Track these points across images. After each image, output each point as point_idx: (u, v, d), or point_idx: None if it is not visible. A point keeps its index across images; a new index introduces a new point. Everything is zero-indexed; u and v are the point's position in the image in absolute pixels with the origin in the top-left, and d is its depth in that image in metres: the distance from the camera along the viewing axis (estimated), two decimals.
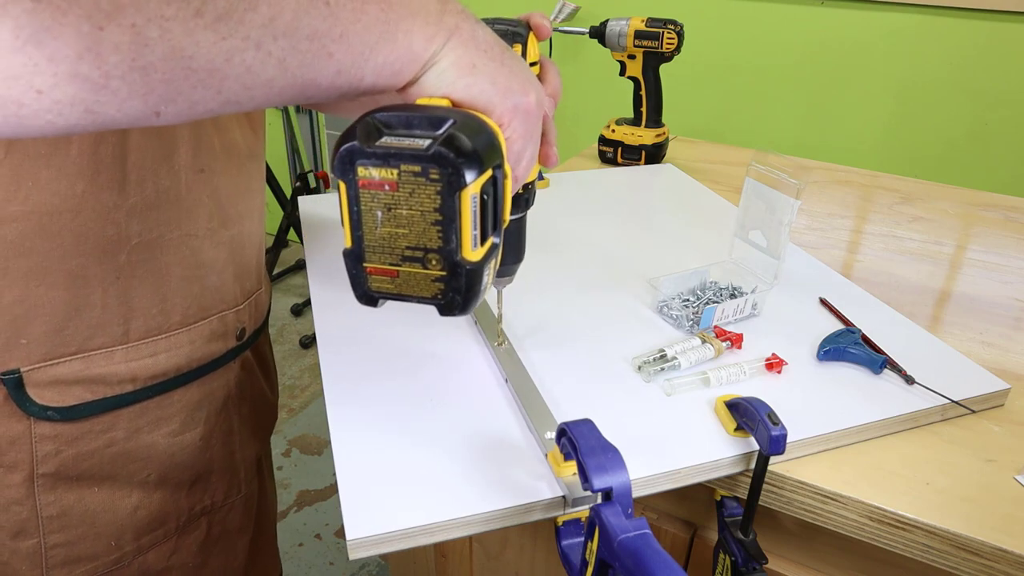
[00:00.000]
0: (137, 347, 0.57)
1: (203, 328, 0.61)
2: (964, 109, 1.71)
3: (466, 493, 0.47)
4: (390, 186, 0.34)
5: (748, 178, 0.71)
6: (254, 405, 0.71)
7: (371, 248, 0.36)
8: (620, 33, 1.06)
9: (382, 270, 0.37)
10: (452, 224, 0.35)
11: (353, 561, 1.67)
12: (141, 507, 0.61)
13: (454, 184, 0.34)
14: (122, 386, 0.57)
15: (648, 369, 0.59)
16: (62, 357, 0.53)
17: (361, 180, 0.35)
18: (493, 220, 0.37)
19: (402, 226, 0.35)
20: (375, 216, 0.35)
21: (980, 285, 0.81)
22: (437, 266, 0.36)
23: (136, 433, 0.59)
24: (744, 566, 0.52)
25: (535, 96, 0.41)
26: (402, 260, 0.36)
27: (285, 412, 2.11)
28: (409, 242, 0.36)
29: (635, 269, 0.76)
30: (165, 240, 0.56)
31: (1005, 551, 0.47)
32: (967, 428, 0.57)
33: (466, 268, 0.36)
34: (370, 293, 0.38)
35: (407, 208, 0.35)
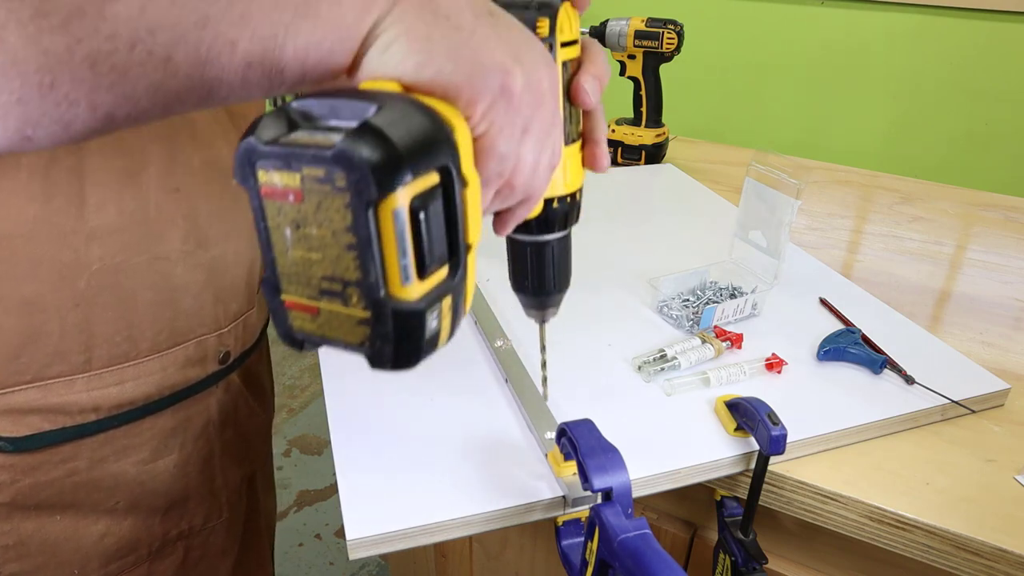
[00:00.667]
0: (100, 375, 0.53)
1: (177, 354, 0.57)
2: (964, 109, 1.71)
3: (466, 493, 0.47)
4: (295, 195, 0.25)
5: (748, 178, 0.71)
6: (240, 428, 0.67)
7: (286, 276, 0.27)
8: (620, 33, 1.06)
9: (301, 305, 0.28)
10: (369, 249, 0.25)
11: (353, 561, 1.67)
12: (109, 534, 0.57)
13: (364, 195, 0.24)
14: (83, 416, 0.53)
15: (648, 369, 0.59)
16: (16, 386, 0.50)
17: (263, 187, 0.26)
18: (443, 245, 0.27)
19: (314, 249, 0.26)
20: (284, 235, 0.26)
21: (980, 285, 0.81)
22: (359, 304, 0.26)
23: (100, 463, 0.55)
24: (744, 566, 0.52)
25: (525, 74, 0.30)
26: (320, 294, 0.27)
27: (285, 412, 2.11)
28: (324, 271, 0.26)
29: (635, 269, 0.76)
30: (130, 264, 0.52)
31: (1005, 551, 0.47)
32: (967, 428, 0.57)
33: (392, 309, 0.26)
34: (292, 334, 0.29)
35: (316, 226, 0.26)
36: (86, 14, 0.23)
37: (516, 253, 0.45)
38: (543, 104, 0.32)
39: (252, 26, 0.26)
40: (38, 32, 0.23)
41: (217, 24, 0.25)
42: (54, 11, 0.23)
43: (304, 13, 0.27)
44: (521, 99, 0.30)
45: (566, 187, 0.42)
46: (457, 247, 0.28)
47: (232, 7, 0.25)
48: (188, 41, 0.25)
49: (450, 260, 0.28)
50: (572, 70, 0.40)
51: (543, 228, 0.43)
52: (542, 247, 0.44)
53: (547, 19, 0.38)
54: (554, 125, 0.33)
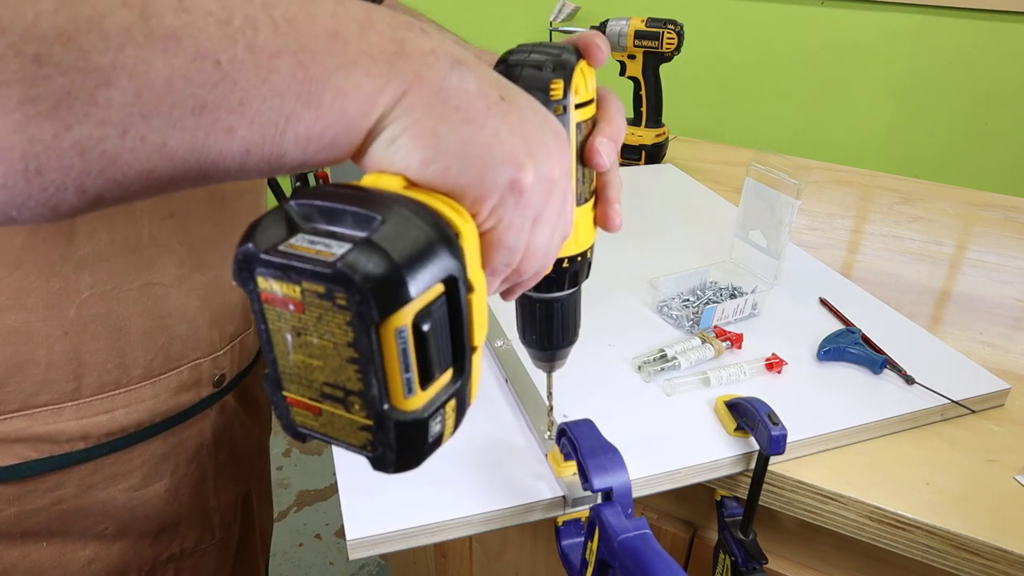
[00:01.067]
0: (90, 403, 0.51)
1: (170, 380, 0.56)
2: (964, 109, 1.71)
3: (466, 493, 0.47)
4: (295, 306, 0.25)
5: (748, 178, 0.71)
6: (235, 449, 0.65)
7: (287, 376, 0.27)
8: (620, 33, 1.06)
9: (303, 404, 0.27)
10: (370, 366, 0.24)
11: (353, 561, 1.67)
12: (97, 560, 0.56)
13: (365, 317, 0.23)
14: (72, 444, 0.51)
15: (648, 369, 0.59)
16: (2, 415, 0.49)
17: (263, 294, 0.25)
18: (446, 353, 0.27)
19: (315, 356, 0.26)
20: (285, 339, 0.26)
21: (980, 285, 0.81)
22: (361, 412, 0.26)
23: (89, 490, 0.54)
24: (744, 566, 0.52)
25: (538, 168, 0.29)
26: (321, 396, 0.27)
27: None
28: (326, 377, 0.26)
29: (635, 269, 0.76)
30: (122, 292, 0.51)
31: (1005, 551, 0.47)
32: (967, 428, 0.57)
33: (395, 421, 0.25)
34: (295, 428, 0.28)
35: (317, 337, 0.25)
36: (77, 99, 0.22)
37: (524, 309, 0.44)
38: (554, 192, 0.31)
39: (251, 114, 0.25)
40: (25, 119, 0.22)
41: (215, 110, 0.24)
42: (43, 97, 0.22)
43: (307, 102, 0.25)
44: (532, 192, 0.29)
45: (577, 247, 0.40)
46: (462, 352, 0.27)
47: (231, 94, 0.24)
48: (184, 127, 0.24)
49: (454, 365, 0.27)
50: (587, 131, 0.38)
51: (552, 287, 0.42)
52: (550, 304, 0.43)
53: (562, 81, 0.36)
54: (565, 204, 0.32)
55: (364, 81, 0.26)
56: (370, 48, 0.26)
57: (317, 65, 0.25)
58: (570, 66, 0.36)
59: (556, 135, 0.31)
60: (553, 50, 0.37)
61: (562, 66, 0.36)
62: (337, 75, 0.26)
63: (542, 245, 0.32)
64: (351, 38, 0.26)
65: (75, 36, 0.21)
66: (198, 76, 0.23)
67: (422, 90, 0.27)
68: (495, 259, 0.30)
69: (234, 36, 0.24)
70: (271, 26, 0.24)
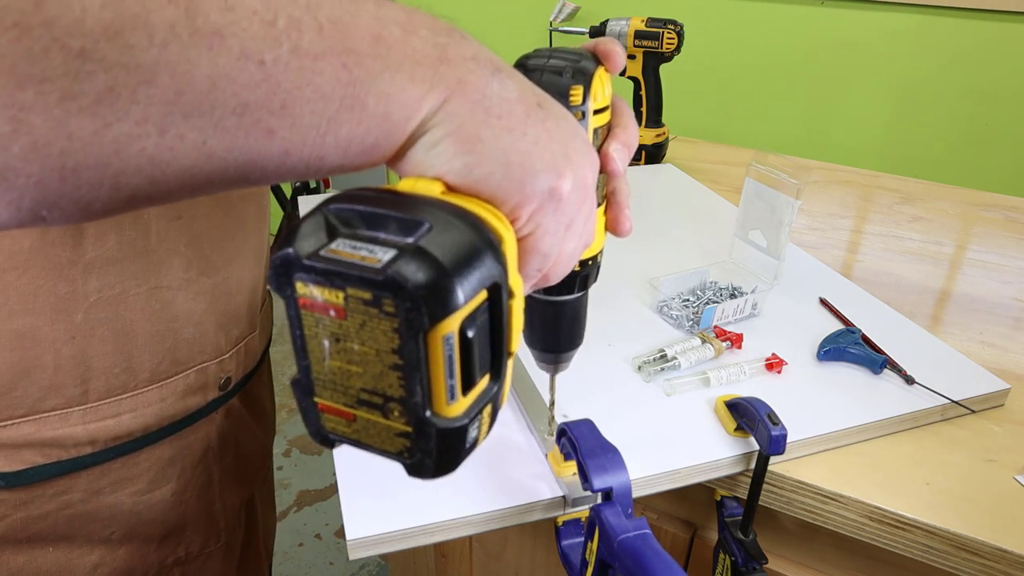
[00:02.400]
0: (97, 408, 0.51)
1: (177, 383, 0.55)
2: (964, 109, 1.71)
3: (466, 493, 0.47)
4: (336, 312, 0.24)
5: (748, 178, 0.71)
6: (240, 452, 0.65)
7: (320, 382, 0.27)
8: (620, 33, 1.06)
9: (336, 410, 0.27)
10: (415, 373, 0.24)
11: (353, 561, 1.67)
12: (103, 564, 0.56)
13: (415, 324, 0.23)
14: (79, 449, 0.51)
15: (648, 369, 0.59)
16: (10, 420, 0.48)
17: (301, 299, 0.25)
18: (488, 359, 0.27)
19: (355, 363, 0.25)
20: (322, 345, 0.26)
21: (980, 285, 0.81)
22: (400, 418, 0.26)
23: (96, 495, 0.53)
24: (744, 566, 0.52)
25: (575, 176, 0.30)
26: (358, 403, 0.27)
27: (285, 412, 2.11)
28: (364, 384, 0.26)
29: (635, 269, 0.76)
30: (129, 295, 0.50)
31: (1005, 551, 0.47)
32: (967, 428, 0.57)
33: (437, 428, 0.25)
34: (324, 433, 0.29)
35: (358, 343, 0.25)
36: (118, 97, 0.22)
37: (532, 310, 0.43)
38: (586, 198, 0.31)
39: (293, 116, 0.24)
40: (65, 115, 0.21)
41: (256, 111, 0.24)
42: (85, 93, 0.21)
43: (350, 105, 0.25)
44: (569, 200, 0.30)
45: (589, 251, 0.40)
46: (500, 357, 0.28)
47: (273, 96, 0.24)
48: (224, 128, 0.23)
49: (492, 370, 0.27)
50: (602, 137, 0.38)
51: (563, 290, 0.42)
52: (559, 307, 0.43)
53: (581, 87, 0.36)
54: (592, 210, 0.33)
55: (408, 86, 0.26)
56: (414, 53, 0.26)
57: (361, 68, 0.25)
58: (589, 72, 0.37)
59: (585, 142, 0.32)
60: (572, 56, 0.37)
61: (582, 72, 0.36)
62: (381, 79, 0.25)
63: (570, 251, 0.32)
64: (394, 42, 0.26)
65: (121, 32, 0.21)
66: (241, 76, 0.23)
67: (465, 96, 0.27)
68: (530, 264, 0.30)
69: (279, 37, 0.23)
70: (316, 28, 0.24)
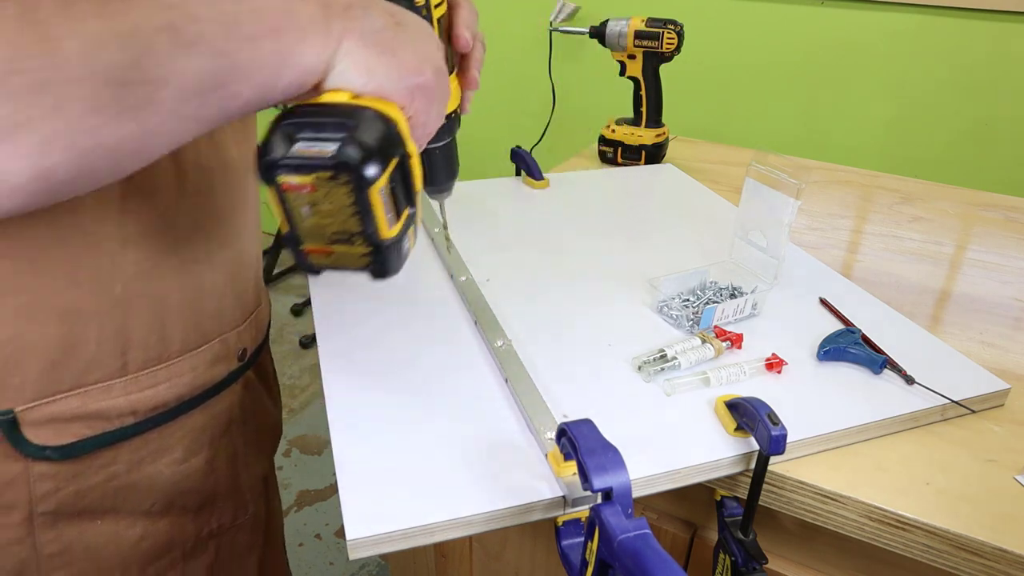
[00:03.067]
0: (136, 379, 0.54)
1: (204, 353, 0.59)
2: (964, 109, 1.71)
3: (466, 493, 0.47)
4: (309, 188, 0.39)
5: (748, 178, 0.71)
6: (258, 423, 0.69)
7: (304, 234, 0.42)
8: (620, 33, 1.06)
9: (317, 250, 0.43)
10: (367, 215, 0.40)
11: (353, 561, 1.67)
12: (146, 536, 0.59)
13: (361, 184, 0.38)
14: (122, 419, 0.54)
15: (648, 369, 0.59)
16: (57, 394, 0.51)
17: (283, 185, 0.39)
18: (405, 196, 0.42)
19: (326, 217, 0.40)
20: (301, 211, 0.40)
21: (980, 285, 0.81)
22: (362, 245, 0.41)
23: (138, 465, 0.57)
24: (744, 566, 0.52)
25: (432, 69, 0.44)
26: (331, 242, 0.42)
27: (285, 412, 2.11)
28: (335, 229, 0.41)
29: (635, 269, 0.76)
30: (162, 268, 0.54)
31: (1005, 551, 0.47)
32: (967, 428, 0.57)
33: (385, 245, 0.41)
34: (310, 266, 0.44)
35: (327, 204, 0.40)
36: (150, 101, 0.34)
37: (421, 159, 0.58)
38: (442, 79, 0.45)
39: (252, 82, 0.38)
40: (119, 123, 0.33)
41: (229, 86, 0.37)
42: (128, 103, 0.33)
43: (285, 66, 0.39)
44: (430, 87, 0.44)
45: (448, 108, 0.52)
46: (412, 194, 0.43)
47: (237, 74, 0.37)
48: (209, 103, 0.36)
49: (409, 203, 0.43)
50: (446, 23, 0.53)
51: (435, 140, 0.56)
52: (434, 153, 0.58)
53: None
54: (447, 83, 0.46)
55: (313, 44, 0.39)
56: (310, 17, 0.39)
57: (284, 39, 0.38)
58: None
59: (431, 36, 0.45)
60: None
61: None
62: (299, 45, 0.38)
63: (437, 115, 0.46)
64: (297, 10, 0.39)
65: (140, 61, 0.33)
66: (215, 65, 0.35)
67: (351, 40, 0.40)
68: (416, 133, 0.44)
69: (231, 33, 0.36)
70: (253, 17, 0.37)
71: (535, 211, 0.92)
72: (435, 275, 0.75)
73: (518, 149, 1.02)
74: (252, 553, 0.71)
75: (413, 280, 0.73)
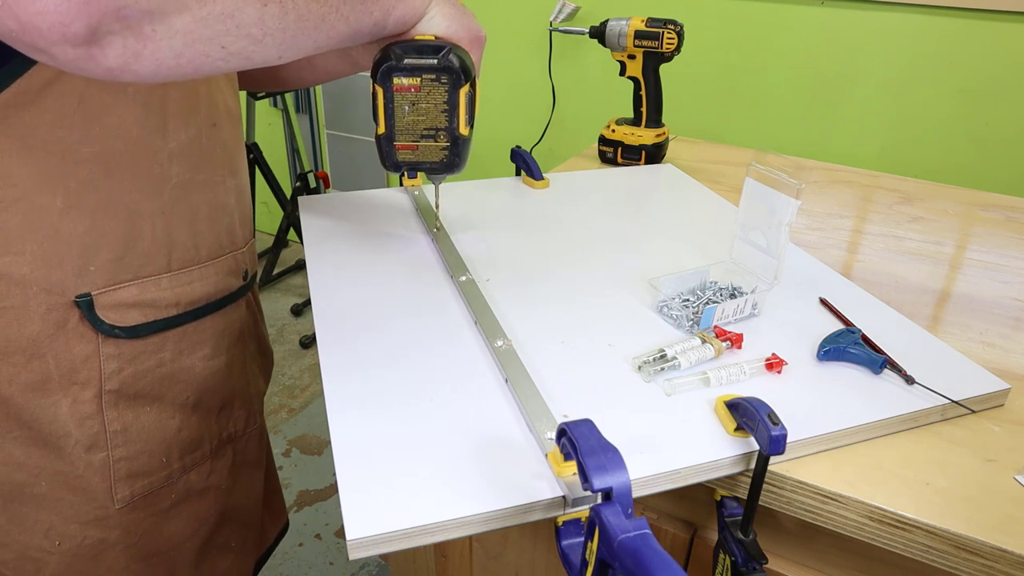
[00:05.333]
0: (177, 275, 0.66)
1: (224, 263, 0.71)
2: (964, 109, 1.71)
3: (466, 493, 0.47)
4: (415, 88, 0.57)
5: (748, 178, 0.71)
6: (258, 344, 0.84)
7: (399, 131, 0.59)
8: (620, 33, 1.06)
9: (407, 146, 0.60)
10: (455, 111, 0.60)
11: (353, 561, 1.67)
12: (183, 428, 0.71)
13: (456, 84, 0.59)
14: (168, 310, 0.66)
15: (648, 369, 0.59)
16: (121, 283, 0.62)
17: (395, 86, 0.58)
18: (472, 112, 0.62)
19: (421, 115, 0.59)
20: (404, 109, 0.58)
21: (980, 285, 0.81)
22: (444, 140, 0.60)
23: (179, 355, 0.68)
24: (744, 566, 0.52)
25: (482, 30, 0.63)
26: (420, 138, 0.60)
27: (285, 412, 2.11)
28: (426, 125, 0.59)
29: (635, 269, 0.76)
30: (195, 182, 0.66)
31: (1005, 551, 0.47)
32: (967, 428, 0.57)
33: (463, 138, 0.61)
34: (397, 162, 0.62)
35: (425, 102, 0.59)
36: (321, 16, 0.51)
37: None
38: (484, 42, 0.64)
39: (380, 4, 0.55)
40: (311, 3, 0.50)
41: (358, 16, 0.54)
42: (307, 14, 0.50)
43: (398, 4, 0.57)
44: (483, 40, 0.63)
45: None
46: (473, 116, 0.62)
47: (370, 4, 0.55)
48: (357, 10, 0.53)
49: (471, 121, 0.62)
50: None
51: None
52: None
53: None
54: None
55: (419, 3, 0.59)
56: None
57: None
58: None
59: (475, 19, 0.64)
60: None
61: None
62: None
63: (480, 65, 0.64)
64: None
65: None
66: None
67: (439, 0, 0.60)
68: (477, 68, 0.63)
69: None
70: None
71: (535, 211, 0.92)
72: (435, 275, 0.75)
73: (518, 149, 1.02)
74: (258, 468, 0.83)
75: (413, 280, 0.73)
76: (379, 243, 0.81)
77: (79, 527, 0.66)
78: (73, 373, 0.61)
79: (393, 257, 0.78)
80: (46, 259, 0.57)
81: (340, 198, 0.93)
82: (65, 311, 0.59)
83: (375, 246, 0.80)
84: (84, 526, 0.66)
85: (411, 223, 0.87)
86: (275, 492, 0.92)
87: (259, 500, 0.84)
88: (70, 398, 0.61)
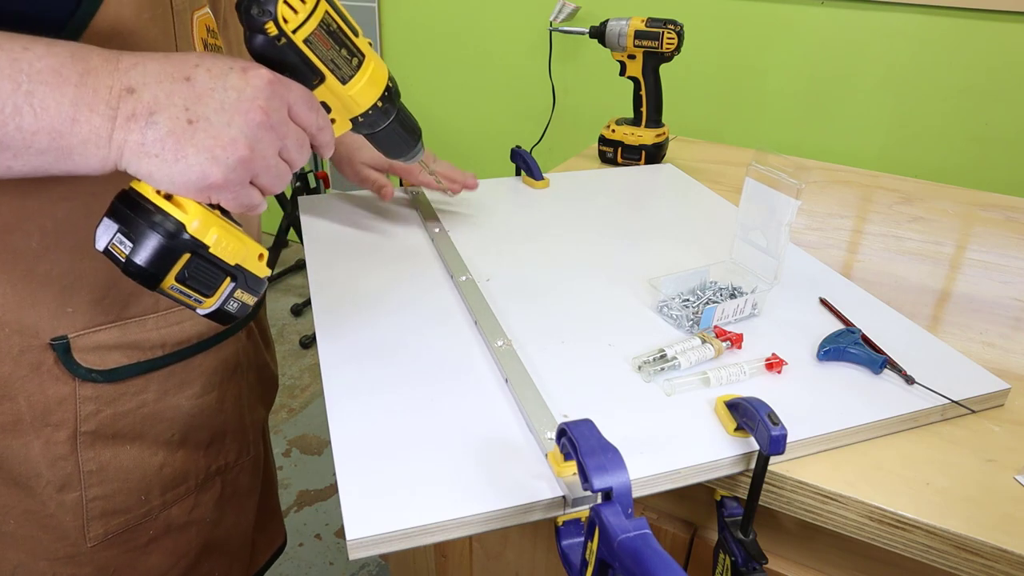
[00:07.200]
0: (165, 315, 0.62)
1: None
2: (964, 109, 1.71)
3: (466, 493, 0.47)
4: None
5: (748, 178, 0.71)
6: (259, 373, 0.79)
7: None
8: (620, 33, 1.06)
9: None
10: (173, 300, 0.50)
11: (353, 561, 1.67)
12: (166, 465, 0.67)
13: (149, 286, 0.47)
14: (153, 351, 0.62)
15: (648, 369, 0.59)
16: (102, 324, 0.59)
17: None
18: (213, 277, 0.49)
19: None
20: None
21: (980, 285, 0.81)
22: None
23: (164, 395, 0.65)
24: (744, 566, 0.52)
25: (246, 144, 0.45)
26: None
27: (285, 412, 2.11)
28: None
29: (635, 269, 0.76)
30: None
31: (1005, 551, 0.47)
32: (967, 428, 0.57)
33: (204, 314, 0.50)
34: None
35: None
36: None
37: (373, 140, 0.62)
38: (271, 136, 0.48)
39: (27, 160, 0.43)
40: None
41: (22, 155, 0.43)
42: None
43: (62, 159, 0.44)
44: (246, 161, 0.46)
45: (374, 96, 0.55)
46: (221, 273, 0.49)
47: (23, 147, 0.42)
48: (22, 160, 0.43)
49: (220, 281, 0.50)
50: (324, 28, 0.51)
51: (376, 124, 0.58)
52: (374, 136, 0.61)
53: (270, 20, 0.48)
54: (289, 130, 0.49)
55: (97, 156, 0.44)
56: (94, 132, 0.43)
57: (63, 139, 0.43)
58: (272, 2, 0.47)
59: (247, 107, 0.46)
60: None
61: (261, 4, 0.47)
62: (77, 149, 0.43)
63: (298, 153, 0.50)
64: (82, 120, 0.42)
65: None
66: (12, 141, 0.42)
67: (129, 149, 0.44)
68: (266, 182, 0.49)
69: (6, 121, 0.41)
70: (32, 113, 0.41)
71: (535, 211, 0.92)
72: (435, 275, 0.75)
73: (518, 149, 1.02)
74: (251, 496, 0.79)
75: (413, 280, 0.73)
76: (379, 243, 0.81)
77: (48, 564, 0.63)
78: (47, 415, 0.59)
79: (393, 257, 0.78)
80: (19, 300, 0.55)
81: (340, 198, 0.93)
82: (39, 353, 0.57)
83: (375, 246, 0.80)
84: (54, 563, 0.63)
85: (411, 223, 0.87)
86: (272, 514, 0.89)
87: (248, 529, 0.81)
88: (42, 439, 0.59)
